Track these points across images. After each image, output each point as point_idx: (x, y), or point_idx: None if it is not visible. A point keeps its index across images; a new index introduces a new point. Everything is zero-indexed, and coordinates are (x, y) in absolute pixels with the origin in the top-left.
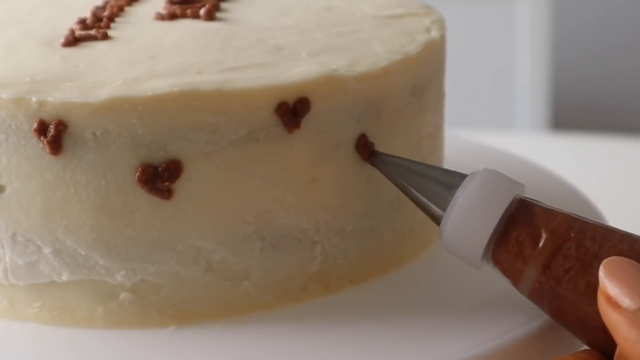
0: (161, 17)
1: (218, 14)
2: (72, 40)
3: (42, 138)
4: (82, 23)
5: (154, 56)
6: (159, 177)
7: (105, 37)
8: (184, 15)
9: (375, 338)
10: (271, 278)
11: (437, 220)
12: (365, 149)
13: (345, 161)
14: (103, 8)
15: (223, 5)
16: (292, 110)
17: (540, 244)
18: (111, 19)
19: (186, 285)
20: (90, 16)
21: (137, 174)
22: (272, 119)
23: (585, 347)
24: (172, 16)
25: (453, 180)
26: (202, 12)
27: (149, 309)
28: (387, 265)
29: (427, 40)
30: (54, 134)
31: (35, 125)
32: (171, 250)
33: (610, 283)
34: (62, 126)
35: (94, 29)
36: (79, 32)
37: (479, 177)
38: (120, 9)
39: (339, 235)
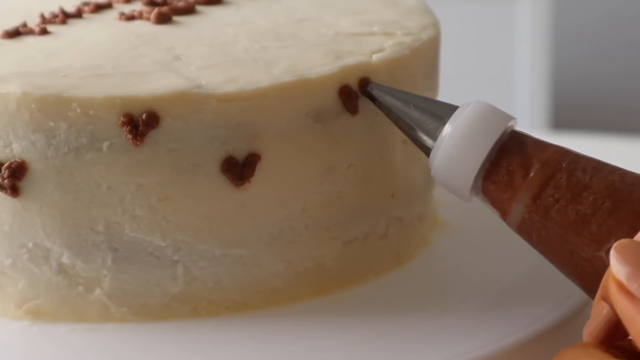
0: (122, 18)
1: (180, 19)
2: (13, 33)
3: None
4: (42, 17)
5: (52, 54)
6: (0, 175)
7: (44, 32)
8: (141, 17)
9: (374, 340)
10: (127, 291)
11: (427, 150)
12: (234, 173)
13: (207, 183)
14: (87, 4)
15: (202, 9)
16: (137, 124)
17: (531, 174)
18: (79, 15)
19: (40, 283)
20: (57, 11)
21: None
22: (115, 130)
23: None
24: (130, 17)
25: (445, 111)
26: (151, 15)
27: (8, 301)
28: (273, 299)
29: (345, 65)
30: None
31: None
32: (23, 247)
33: (622, 268)
34: None
35: (49, 23)
36: (27, 27)
37: (470, 108)
38: (107, 6)
39: (205, 258)
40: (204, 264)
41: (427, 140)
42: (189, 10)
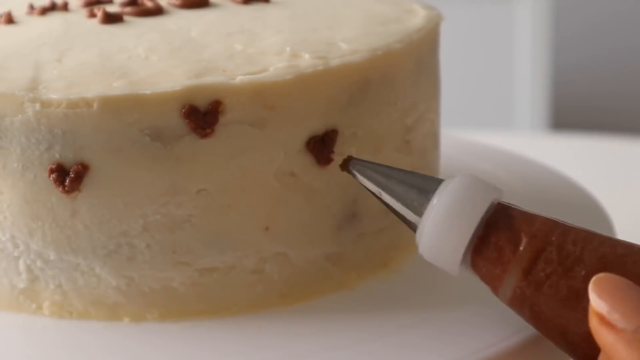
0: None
1: (132, 19)
2: None
3: None
4: (30, 7)
5: None
6: None
7: (9, 22)
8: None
9: (368, 342)
10: None
11: (413, 227)
12: (59, 180)
13: (35, 186)
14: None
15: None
16: None
17: (521, 248)
18: (65, 7)
19: None
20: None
21: None
22: None
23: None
24: (92, 14)
25: (429, 185)
26: (99, 13)
27: None
28: (116, 313)
29: (193, 84)
30: None
31: None
32: None
33: (602, 302)
34: None
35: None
36: None
37: (455, 182)
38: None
39: (42, 259)
40: (42, 264)
41: (413, 217)
42: (150, 12)
